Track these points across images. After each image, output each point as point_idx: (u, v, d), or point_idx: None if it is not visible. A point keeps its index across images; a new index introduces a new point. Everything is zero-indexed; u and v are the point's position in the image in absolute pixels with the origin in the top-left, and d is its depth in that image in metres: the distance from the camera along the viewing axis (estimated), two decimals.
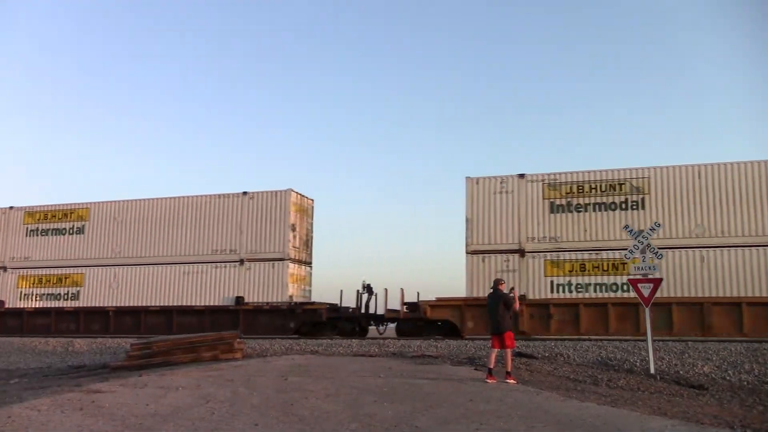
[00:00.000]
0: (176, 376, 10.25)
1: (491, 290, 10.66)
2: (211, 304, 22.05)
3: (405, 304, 20.15)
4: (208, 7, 73.52)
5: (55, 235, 24.60)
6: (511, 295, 10.46)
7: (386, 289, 20.61)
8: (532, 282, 19.22)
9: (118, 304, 23.00)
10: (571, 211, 19.39)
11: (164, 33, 76.22)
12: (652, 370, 12.25)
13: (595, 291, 18.72)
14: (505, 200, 19.93)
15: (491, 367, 10.21)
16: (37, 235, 24.80)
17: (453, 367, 12.19)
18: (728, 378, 12.06)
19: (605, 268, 18.76)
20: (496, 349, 10.27)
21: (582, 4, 66.38)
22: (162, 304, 22.52)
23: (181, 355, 13.66)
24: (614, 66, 67.11)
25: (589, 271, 18.88)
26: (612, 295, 18.55)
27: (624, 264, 17.58)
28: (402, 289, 20.07)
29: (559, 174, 19.76)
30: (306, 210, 23.28)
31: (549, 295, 18.99)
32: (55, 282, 24.13)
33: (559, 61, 67.69)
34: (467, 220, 20.13)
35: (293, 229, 22.05)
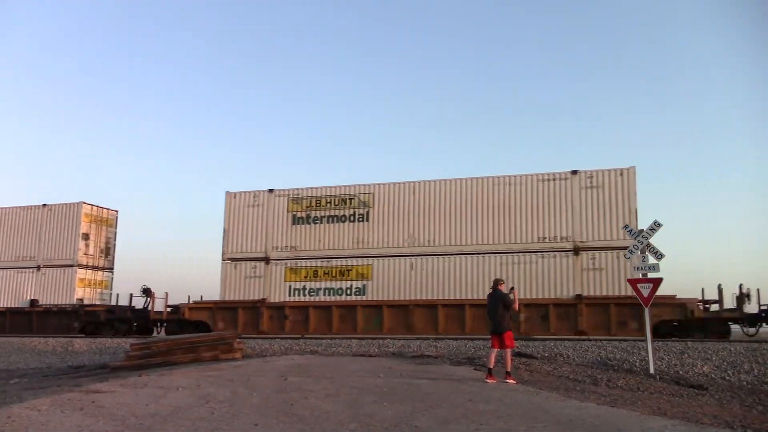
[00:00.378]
0: (176, 376, 10.25)
1: (491, 290, 10.63)
2: (10, 306, 25.00)
3: (169, 306, 22.56)
4: (203, 8, 73.61)
5: None
6: (511, 295, 10.44)
7: (166, 293, 22.73)
8: (274, 287, 21.87)
9: None
10: (309, 223, 22.06)
11: (158, 33, 76.22)
12: (652, 370, 12.26)
13: (324, 294, 21.36)
14: (256, 213, 22.65)
15: (491, 367, 10.20)
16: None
17: (452, 367, 12.19)
18: (728, 378, 12.07)
19: (334, 274, 21.40)
20: (495, 349, 10.26)
21: (581, 4, 66.45)
22: None
23: (181, 355, 13.66)
24: (612, 66, 67.18)
25: (320, 276, 21.53)
26: (337, 298, 21.14)
27: (349, 270, 21.18)
28: (166, 293, 22.53)
29: (302, 189, 22.49)
30: (105, 220, 26.33)
31: (287, 299, 21.57)
32: None
33: (558, 61, 67.74)
34: (224, 230, 22.75)
35: (86, 238, 25.13)
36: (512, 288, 11.30)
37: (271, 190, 22.63)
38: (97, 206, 26.20)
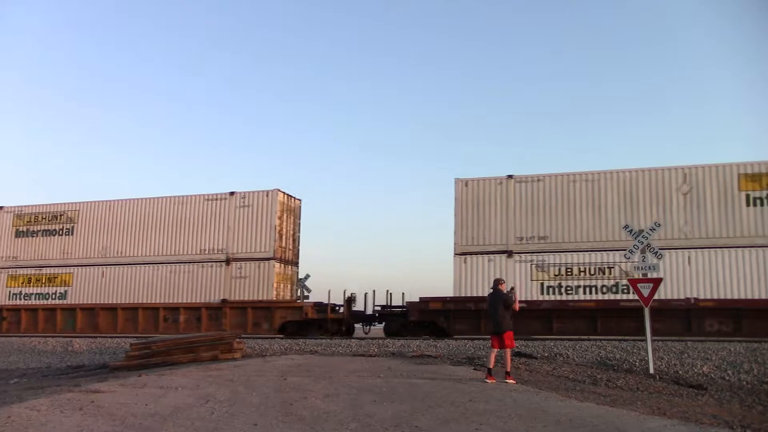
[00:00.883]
0: (176, 376, 10.25)
1: (491, 290, 10.67)
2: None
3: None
4: (198, 8, 73.59)
5: None
6: (511, 295, 10.47)
7: (374, 291, 21.80)
8: None
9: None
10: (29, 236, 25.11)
11: (165, 33, 76.22)
12: (651, 370, 12.26)
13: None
14: None
15: (491, 366, 10.21)
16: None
17: (452, 367, 12.19)
18: (727, 378, 12.06)
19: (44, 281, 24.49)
20: (495, 349, 10.28)
21: (579, 4, 66.45)
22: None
23: (181, 355, 13.65)
24: (610, 67, 67.16)
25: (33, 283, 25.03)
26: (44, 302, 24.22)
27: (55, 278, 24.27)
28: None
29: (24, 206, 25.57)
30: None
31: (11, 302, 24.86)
32: None
33: (557, 61, 67.72)
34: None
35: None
36: (512, 288, 11.30)
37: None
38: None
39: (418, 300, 20.47)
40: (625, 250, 14.05)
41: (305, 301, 22.74)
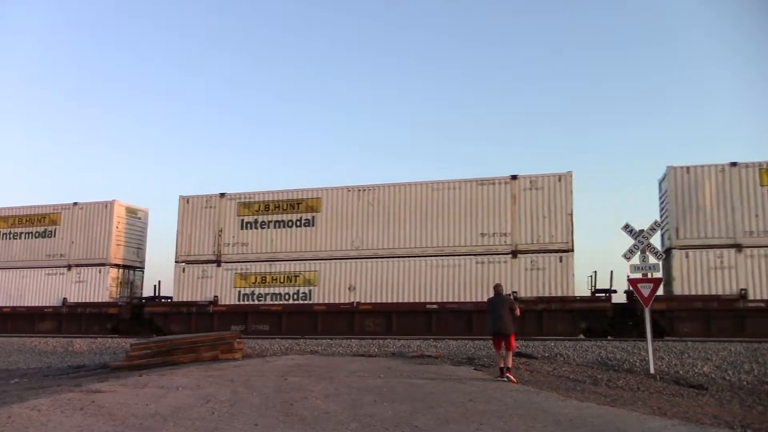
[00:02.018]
0: (176, 376, 10.26)
1: (500, 293, 10.98)
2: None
3: None
4: (209, 6, 73.52)
5: None
6: (514, 299, 10.75)
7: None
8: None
9: None
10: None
11: (165, 33, 76.13)
12: (652, 370, 12.26)
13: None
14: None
15: (502, 366, 10.50)
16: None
17: (453, 367, 12.20)
18: (728, 378, 12.06)
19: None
20: (500, 351, 10.56)
21: (579, 4, 66.41)
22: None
23: (181, 355, 13.66)
24: (610, 67, 67.15)
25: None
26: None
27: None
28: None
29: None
30: None
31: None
32: None
33: (557, 61, 67.69)
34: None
35: None
36: (514, 292, 11.59)
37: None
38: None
39: None
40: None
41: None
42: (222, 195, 22.35)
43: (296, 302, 20.87)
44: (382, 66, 72.12)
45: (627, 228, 13.60)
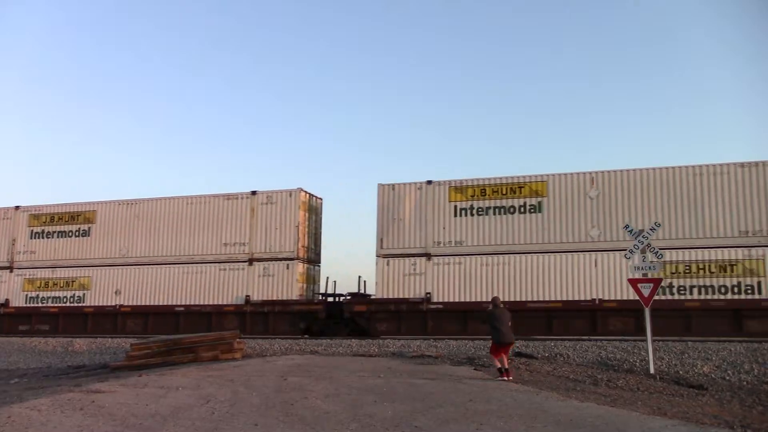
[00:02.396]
0: (176, 376, 10.25)
1: (500, 305, 11.30)
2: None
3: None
4: (209, 6, 73.44)
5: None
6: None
7: None
8: None
9: None
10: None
11: (165, 33, 76.11)
12: (652, 370, 12.26)
13: None
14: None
15: (499, 366, 10.69)
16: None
17: (452, 367, 12.20)
18: (728, 378, 12.06)
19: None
20: (500, 357, 10.80)
21: (579, 4, 66.35)
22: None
23: (181, 355, 13.66)
24: (610, 67, 67.12)
25: None
26: None
27: None
28: None
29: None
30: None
31: None
32: None
33: (557, 61, 67.66)
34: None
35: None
36: (495, 297, 12.15)
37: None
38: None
39: None
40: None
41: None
42: (17, 208, 25.05)
43: (71, 305, 23.40)
44: (382, 66, 72.12)
45: (627, 228, 13.59)
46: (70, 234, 24.23)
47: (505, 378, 10.42)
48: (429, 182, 20.67)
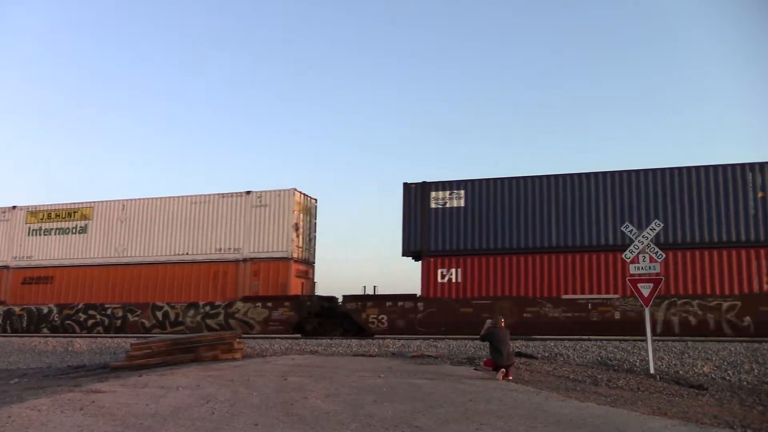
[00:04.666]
0: (176, 376, 10.25)
1: (501, 325, 11.00)
2: None
3: None
4: (198, 8, 73.37)
5: None
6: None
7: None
8: None
9: None
10: None
11: (163, 33, 76.07)
12: (652, 370, 12.26)
13: None
14: None
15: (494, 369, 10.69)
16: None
17: (453, 367, 12.20)
18: (728, 378, 12.06)
19: None
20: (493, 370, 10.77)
21: (579, 4, 66.32)
22: None
23: (181, 355, 13.65)
24: (610, 67, 67.05)
25: None
26: None
27: None
28: None
29: None
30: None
31: None
32: None
33: (557, 61, 67.62)
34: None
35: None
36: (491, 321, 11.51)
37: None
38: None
39: None
40: None
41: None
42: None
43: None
44: (382, 66, 72.09)
45: (627, 228, 13.59)
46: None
47: (507, 378, 10.39)
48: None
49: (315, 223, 23.85)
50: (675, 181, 18.84)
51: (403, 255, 20.70)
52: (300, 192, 22.74)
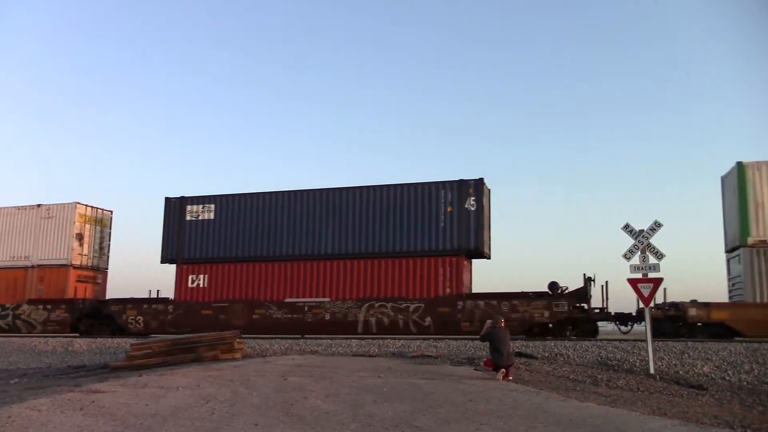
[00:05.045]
0: (176, 376, 10.25)
1: (499, 324, 10.98)
2: None
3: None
4: (197, 8, 73.50)
5: None
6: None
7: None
8: None
9: None
10: None
11: (163, 33, 76.17)
12: (652, 370, 12.26)
13: None
14: None
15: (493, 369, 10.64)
16: None
17: (453, 367, 12.19)
18: (728, 378, 12.07)
19: None
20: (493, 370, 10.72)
21: (579, 4, 66.40)
22: None
23: (181, 355, 13.65)
24: (610, 67, 67.08)
25: None
26: None
27: None
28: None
29: None
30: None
31: None
32: None
33: (557, 61, 67.69)
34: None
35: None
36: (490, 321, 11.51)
37: None
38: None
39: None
40: None
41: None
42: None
43: None
44: (382, 66, 72.15)
45: (627, 228, 13.59)
46: None
47: (507, 378, 10.39)
48: None
49: (110, 233, 27.17)
50: (381, 197, 21.58)
51: (162, 262, 23.77)
52: (86, 205, 25.95)
